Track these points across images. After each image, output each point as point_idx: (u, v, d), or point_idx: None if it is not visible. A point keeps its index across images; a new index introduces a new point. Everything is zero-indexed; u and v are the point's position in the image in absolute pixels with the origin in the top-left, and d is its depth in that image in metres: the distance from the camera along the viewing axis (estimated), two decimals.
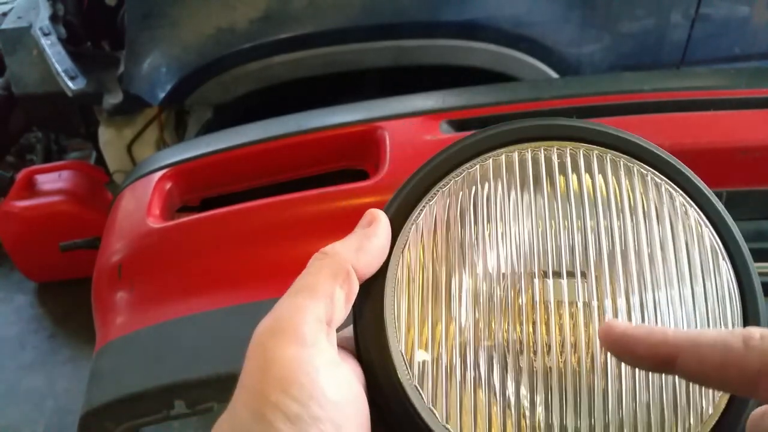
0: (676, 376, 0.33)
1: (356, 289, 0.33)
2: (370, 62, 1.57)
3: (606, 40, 1.66)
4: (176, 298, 0.81)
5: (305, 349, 0.29)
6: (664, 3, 1.65)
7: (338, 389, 0.30)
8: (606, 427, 0.32)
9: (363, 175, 0.91)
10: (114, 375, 0.77)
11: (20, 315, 2.17)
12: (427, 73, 1.65)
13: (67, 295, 2.15)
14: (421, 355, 0.34)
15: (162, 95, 1.57)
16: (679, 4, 1.65)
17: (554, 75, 1.64)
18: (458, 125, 0.94)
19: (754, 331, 0.27)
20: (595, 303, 0.34)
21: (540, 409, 0.33)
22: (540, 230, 0.36)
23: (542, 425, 0.33)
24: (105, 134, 1.75)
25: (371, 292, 0.35)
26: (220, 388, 0.70)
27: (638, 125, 0.86)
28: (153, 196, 0.91)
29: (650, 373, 0.33)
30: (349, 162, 0.97)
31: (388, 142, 0.89)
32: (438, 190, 0.37)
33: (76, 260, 1.83)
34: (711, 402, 0.33)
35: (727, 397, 0.33)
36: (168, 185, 0.95)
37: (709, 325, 0.34)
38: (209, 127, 1.64)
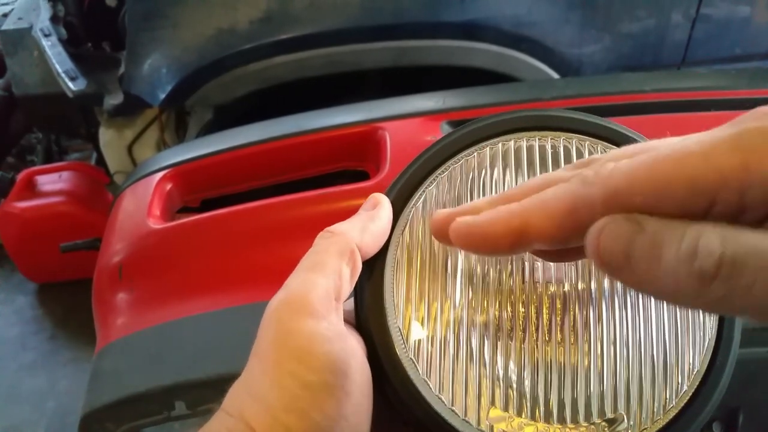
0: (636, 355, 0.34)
1: (360, 267, 0.35)
2: (370, 63, 1.57)
3: (606, 41, 1.66)
4: (177, 299, 0.81)
5: (318, 321, 0.31)
6: (664, 3, 1.65)
7: (347, 359, 0.31)
8: (588, 398, 0.34)
9: (363, 176, 0.91)
10: (115, 376, 0.77)
11: (21, 316, 2.17)
12: (428, 74, 1.65)
13: (68, 296, 2.15)
14: (417, 330, 0.35)
15: (162, 96, 1.57)
16: (680, 4, 1.65)
17: (555, 75, 1.64)
18: (459, 126, 0.93)
19: (585, 169, 0.26)
20: (581, 285, 0.35)
21: (527, 382, 0.34)
22: None
23: (528, 396, 0.34)
24: (105, 135, 1.75)
25: (373, 271, 0.37)
26: (221, 389, 0.70)
27: (639, 125, 0.85)
28: (153, 197, 0.91)
29: (628, 349, 0.34)
30: (350, 163, 0.97)
31: (388, 142, 0.89)
32: (437, 176, 0.39)
33: (76, 261, 1.83)
34: (686, 378, 0.34)
35: (701, 375, 0.34)
36: (168, 186, 0.94)
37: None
38: (210, 128, 1.64)
